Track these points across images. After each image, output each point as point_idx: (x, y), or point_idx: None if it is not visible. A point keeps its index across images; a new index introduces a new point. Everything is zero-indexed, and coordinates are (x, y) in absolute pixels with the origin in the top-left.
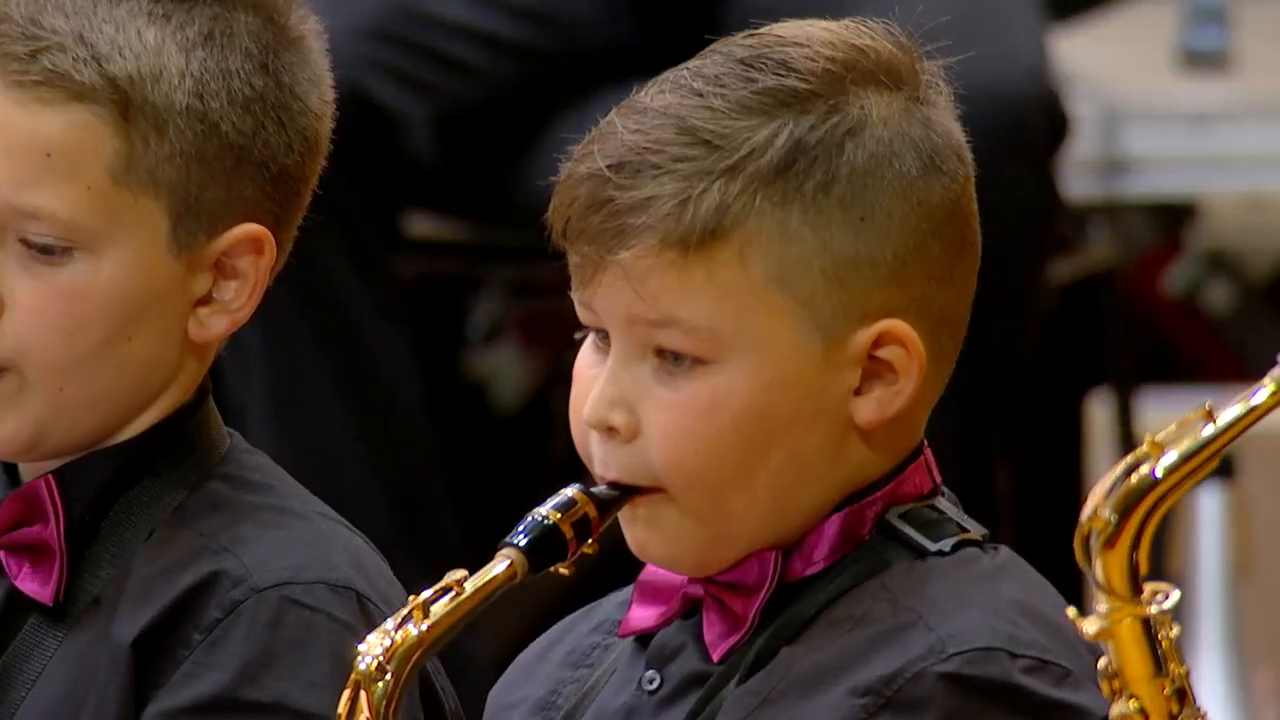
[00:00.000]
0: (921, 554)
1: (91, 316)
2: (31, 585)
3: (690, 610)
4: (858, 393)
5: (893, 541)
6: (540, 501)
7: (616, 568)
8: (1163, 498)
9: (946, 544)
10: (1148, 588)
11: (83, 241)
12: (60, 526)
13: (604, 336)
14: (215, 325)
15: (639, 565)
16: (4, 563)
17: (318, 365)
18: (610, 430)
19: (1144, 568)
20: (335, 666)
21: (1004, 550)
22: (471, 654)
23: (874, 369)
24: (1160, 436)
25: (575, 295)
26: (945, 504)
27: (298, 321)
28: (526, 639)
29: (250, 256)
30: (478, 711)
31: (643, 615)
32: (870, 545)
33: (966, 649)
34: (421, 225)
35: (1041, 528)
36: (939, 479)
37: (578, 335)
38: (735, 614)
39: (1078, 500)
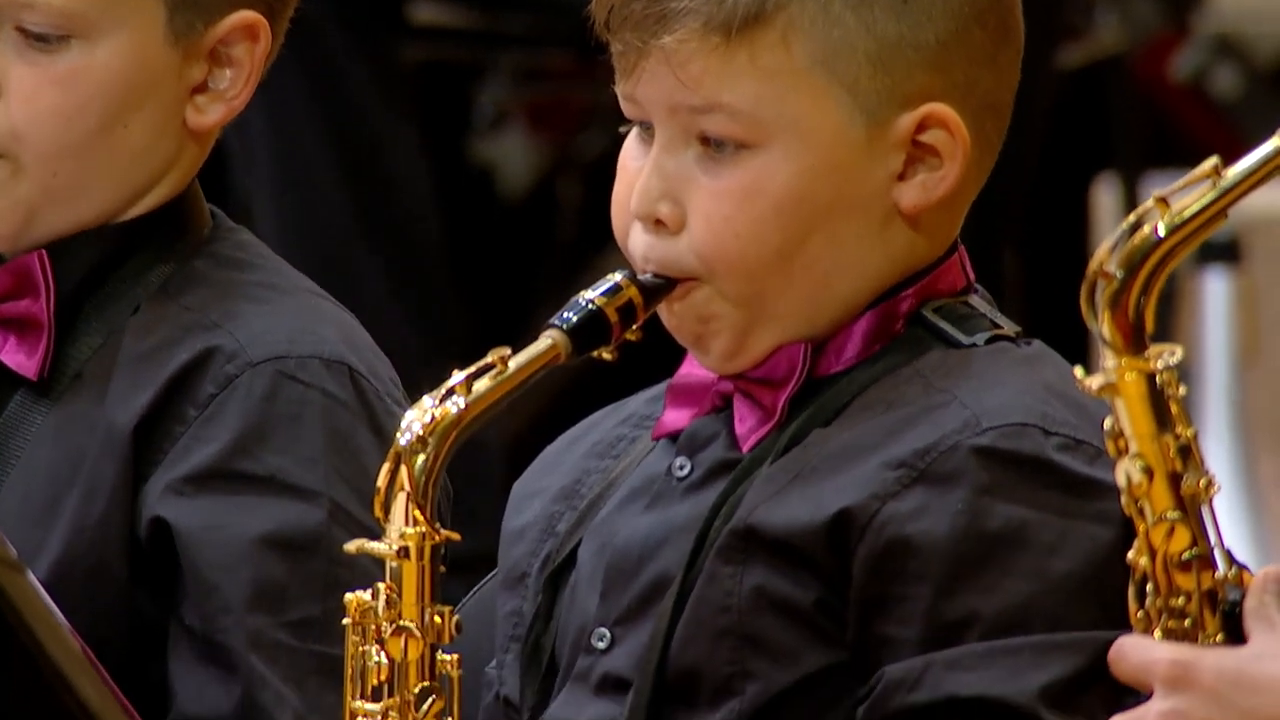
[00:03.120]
0: (955, 347)
1: (87, 103)
2: (17, 358)
3: (723, 407)
4: (901, 178)
5: (926, 334)
6: (549, 284)
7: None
8: (1169, 254)
9: (980, 338)
10: (1153, 346)
11: (79, 29)
12: (51, 301)
13: (648, 129)
14: (212, 113)
15: (658, 369)
16: None
17: (323, 153)
18: (657, 223)
19: (1150, 326)
20: (329, 441)
21: (1036, 343)
22: (480, 440)
23: (917, 154)
24: (1166, 192)
25: (619, 88)
26: (978, 301)
27: (303, 109)
28: (536, 428)
29: (245, 44)
30: (488, 495)
31: (676, 417)
32: (904, 338)
33: (1001, 424)
34: (426, 11)
35: (1050, 312)
36: (972, 276)
37: (621, 130)
38: (765, 407)
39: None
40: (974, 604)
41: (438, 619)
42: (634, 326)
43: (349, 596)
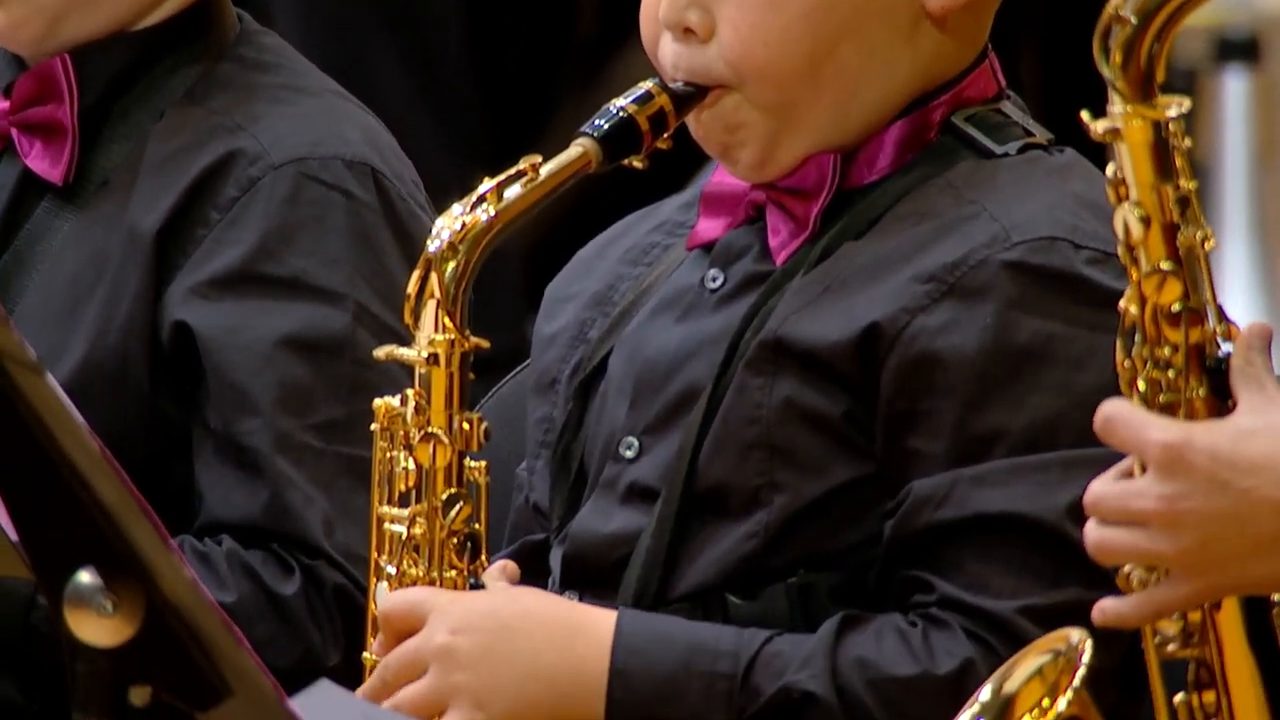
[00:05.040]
0: (987, 155)
1: None
2: (42, 164)
3: (756, 218)
4: None
5: (958, 144)
6: (569, 82)
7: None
8: (1185, 2)
9: (1012, 147)
10: (1162, 96)
11: None
12: (74, 106)
13: None
14: None
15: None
16: (16, 142)
17: None
18: (686, 31)
19: (1160, 76)
20: (353, 243)
21: (1069, 151)
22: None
23: None
24: None
25: None
26: (1011, 108)
27: None
28: (555, 230)
29: None
30: (503, 294)
31: (709, 227)
32: (936, 148)
33: (1030, 238)
34: None
35: (1068, 112)
36: (1003, 83)
37: None
38: (797, 218)
39: (1104, 85)
40: (1001, 419)
41: (466, 426)
42: (665, 135)
43: (378, 402)
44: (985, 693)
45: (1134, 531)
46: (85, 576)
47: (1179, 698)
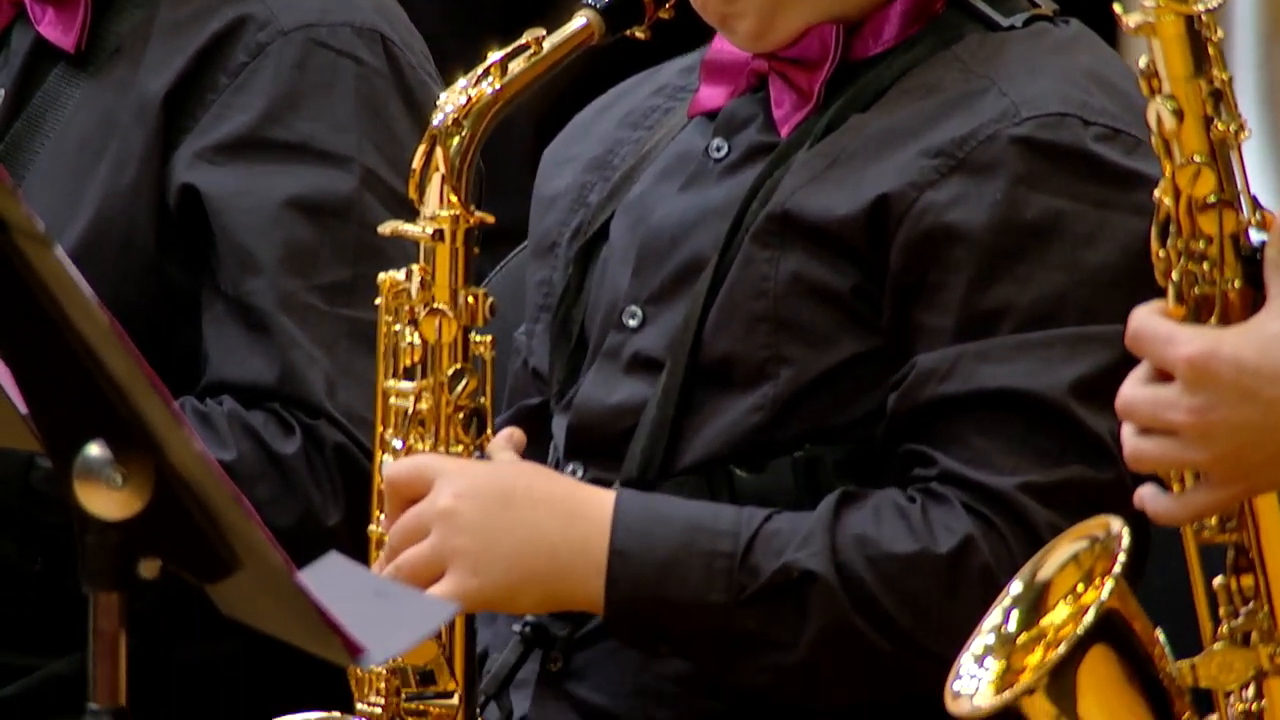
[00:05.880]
0: (993, 28)
1: None
2: (54, 32)
3: (759, 87)
4: None
5: (964, 17)
6: None
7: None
8: None
9: (1018, 19)
10: None
11: None
12: None
13: None
14: None
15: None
16: (28, 9)
17: None
18: None
19: None
20: (362, 109)
21: (1075, 23)
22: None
23: None
24: None
25: None
26: None
27: None
28: (566, 99)
29: None
30: (512, 163)
31: (711, 95)
32: (942, 20)
33: (1039, 114)
34: None
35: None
36: None
37: None
38: (801, 89)
39: None
40: (1008, 294)
41: (471, 300)
42: (666, 5)
43: (382, 276)
44: (1016, 586)
45: (1168, 441)
46: (95, 449)
47: (1218, 581)
